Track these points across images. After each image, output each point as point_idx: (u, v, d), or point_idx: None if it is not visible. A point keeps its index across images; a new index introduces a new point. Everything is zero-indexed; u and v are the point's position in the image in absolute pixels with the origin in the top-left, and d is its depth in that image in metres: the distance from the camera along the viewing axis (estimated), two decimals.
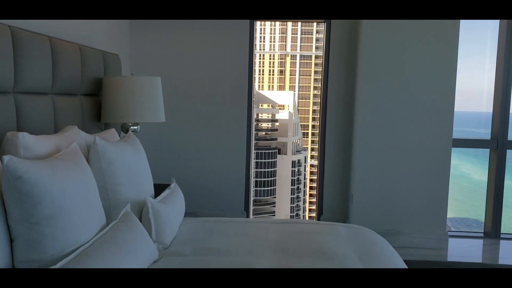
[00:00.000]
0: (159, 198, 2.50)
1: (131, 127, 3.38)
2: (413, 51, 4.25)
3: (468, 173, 19.65)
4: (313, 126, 21.69)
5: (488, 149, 4.82)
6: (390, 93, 4.29)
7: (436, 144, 4.30)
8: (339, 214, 4.79)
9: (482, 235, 4.86)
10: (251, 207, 5.13)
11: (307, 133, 21.96)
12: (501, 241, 4.69)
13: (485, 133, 4.96)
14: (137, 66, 4.66)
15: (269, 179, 19.25)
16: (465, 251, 4.39)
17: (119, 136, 3.10)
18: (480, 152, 5.35)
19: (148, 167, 2.71)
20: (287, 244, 2.35)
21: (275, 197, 19.83)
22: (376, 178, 4.37)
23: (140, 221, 2.28)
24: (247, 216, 4.89)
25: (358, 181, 4.40)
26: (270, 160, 19.14)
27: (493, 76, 4.79)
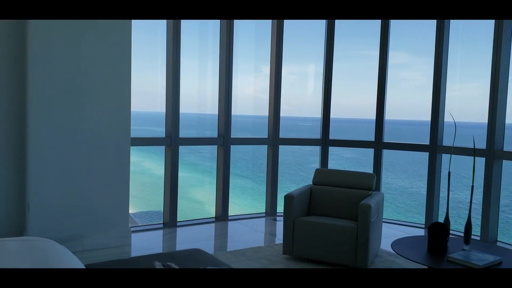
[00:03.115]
0: None
1: None
2: (88, 51, 4.18)
3: (149, 168, 21.17)
4: None
5: (164, 146, 5.26)
6: (66, 94, 4.10)
7: (115, 144, 4.39)
8: (14, 226, 4.28)
9: (162, 225, 5.28)
10: None
11: None
12: (178, 229, 5.21)
13: (161, 131, 5.38)
14: None
15: None
16: (148, 243, 4.65)
17: None
18: (159, 149, 5.78)
19: None
20: None
21: None
22: (55, 183, 4.11)
23: None
24: None
25: (35, 187, 4.03)
26: None
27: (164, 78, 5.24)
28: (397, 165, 24.08)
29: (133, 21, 4.48)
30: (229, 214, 5.74)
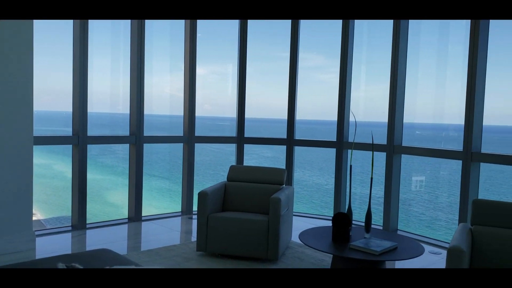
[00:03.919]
0: None
1: None
2: None
3: (61, 171, 20.07)
4: None
5: (71, 145, 5.04)
6: None
7: (17, 143, 4.13)
8: None
9: (70, 228, 5.06)
10: None
11: None
12: (87, 231, 5.02)
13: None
14: None
15: None
16: (55, 247, 4.43)
17: None
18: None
19: None
20: None
21: None
22: None
23: None
24: None
25: None
26: None
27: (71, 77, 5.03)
28: (314, 163, 25.04)
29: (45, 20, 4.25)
30: (143, 215, 5.63)
